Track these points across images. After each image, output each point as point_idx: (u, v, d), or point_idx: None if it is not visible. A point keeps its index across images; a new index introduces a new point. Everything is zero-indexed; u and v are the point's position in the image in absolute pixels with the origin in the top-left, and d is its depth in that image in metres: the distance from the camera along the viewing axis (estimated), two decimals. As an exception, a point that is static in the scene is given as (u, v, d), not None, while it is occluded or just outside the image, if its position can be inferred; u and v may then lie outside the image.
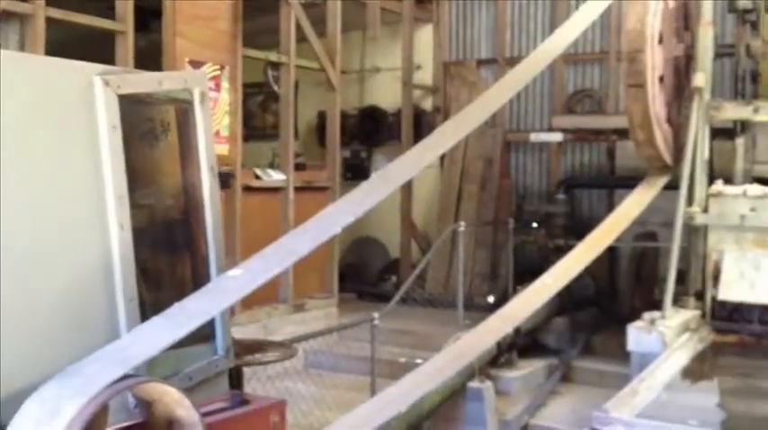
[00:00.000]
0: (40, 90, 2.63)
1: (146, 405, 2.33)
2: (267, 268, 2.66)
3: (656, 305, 5.46)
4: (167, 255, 3.25)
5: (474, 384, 5.69)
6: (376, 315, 5.48)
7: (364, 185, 3.31)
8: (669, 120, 6.24)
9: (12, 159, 2.48)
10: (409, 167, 3.65)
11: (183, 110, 3.21)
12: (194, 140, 3.20)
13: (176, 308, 2.48)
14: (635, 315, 5.41)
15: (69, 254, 2.61)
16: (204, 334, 3.14)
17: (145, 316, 2.79)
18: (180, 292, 3.14)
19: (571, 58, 9.33)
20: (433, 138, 3.92)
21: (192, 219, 3.23)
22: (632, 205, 5.72)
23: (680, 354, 4.90)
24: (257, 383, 5.03)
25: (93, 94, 2.75)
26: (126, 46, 6.15)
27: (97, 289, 2.68)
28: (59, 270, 2.57)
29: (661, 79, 6.06)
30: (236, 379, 3.38)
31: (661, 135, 6.08)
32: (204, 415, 2.75)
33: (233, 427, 2.97)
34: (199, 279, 3.16)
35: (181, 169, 3.25)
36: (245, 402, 3.12)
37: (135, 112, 3.07)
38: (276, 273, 2.65)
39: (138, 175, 3.03)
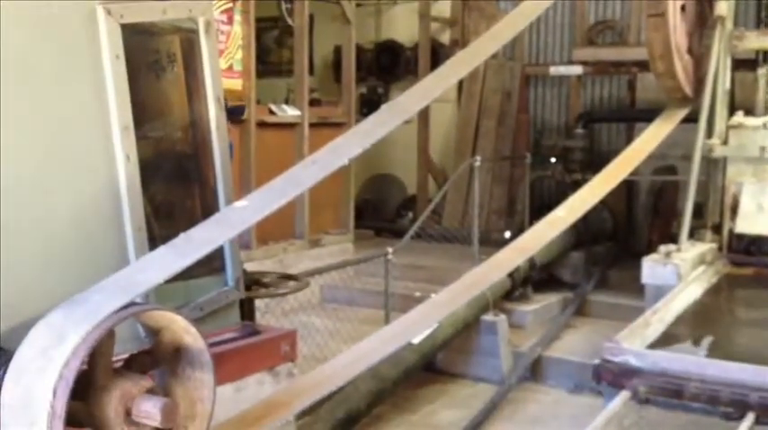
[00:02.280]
0: (42, 19, 2.60)
1: (153, 333, 2.35)
2: (273, 199, 2.65)
3: (674, 239, 5.42)
4: (175, 187, 3.25)
5: (488, 317, 5.74)
6: (390, 250, 5.50)
7: (374, 116, 3.26)
8: (690, 51, 6.10)
9: (15, 88, 2.46)
10: (420, 98, 3.59)
11: (189, 40, 3.16)
12: (200, 71, 3.16)
13: (182, 237, 2.48)
14: (652, 249, 5.38)
15: (76, 184, 2.62)
16: (214, 265, 3.15)
17: (154, 247, 2.80)
18: (188, 224, 3.15)
19: (592, -13, 9.11)
20: (444, 69, 3.84)
21: (200, 151, 3.21)
22: (650, 138, 5.62)
23: (695, 287, 4.88)
24: (272, 317, 5.08)
25: (95, 23, 2.72)
26: (136, -21, 6.07)
27: (105, 219, 2.69)
28: (66, 199, 2.58)
29: (683, 8, 5.90)
30: (247, 310, 3.41)
31: (682, 66, 5.94)
32: (214, 344, 2.79)
33: (243, 356, 3.00)
34: (207, 211, 3.16)
35: (188, 101, 3.23)
36: (255, 332, 3.15)
37: (140, 43, 3.03)
38: (282, 203, 2.64)
39: (145, 107, 3.02)
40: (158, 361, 2.30)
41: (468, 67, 3.97)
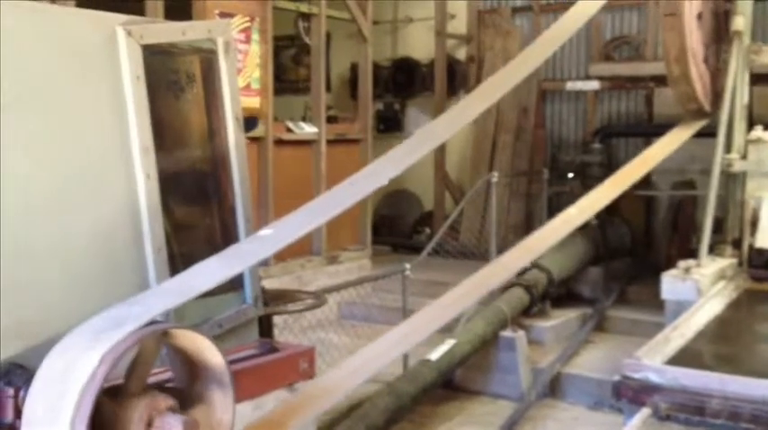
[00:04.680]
0: (63, 41, 2.64)
1: (175, 351, 2.37)
2: (315, 217, 2.75)
3: (694, 254, 5.40)
4: (194, 206, 3.27)
5: (506, 333, 5.71)
6: (407, 265, 5.49)
7: (408, 142, 3.34)
8: (706, 61, 6.04)
9: (36, 109, 2.50)
10: (452, 124, 3.65)
11: (208, 60, 3.20)
12: (219, 91, 3.19)
13: (231, 249, 2.59)
14: (671, 264, 5.36)
15: (96, 203, 2.65)
16: (233, 283, 3.17)
17: (173, 265, 2.83)
18: (207, 242, 3.19)
19: (609, 3, 9.04)
20: (474, 96, 3.90)
21: (219, 169, 3.24)
22: (664, 146, 5.62)
23: (715, 302, 4.84)
24: (290, 334, 5.09)
25: (116, 44, 2.76)
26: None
27: (125, 238, 2.72)
28: (87, 219, 2.61)
29: (699, 16, 5.86)
30: (266, 327, 3.42)
31: (697, 72, 5.87)
32: (233, 362, 2.80)
33: (262, 374, 3.01)
34: (226, 229, 3.19)
35: (207, 120, 3.26)
36: (273, 349, 3.16)
37: (160, 63, 3.07)
38: (323, 221, 2.74)
39: (164, 127, 3.05)
40: (180, 378, 2.32)
41: (499, 93, 4.00)
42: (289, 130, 7.62)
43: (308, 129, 7.75)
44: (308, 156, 7.68)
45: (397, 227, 10.24)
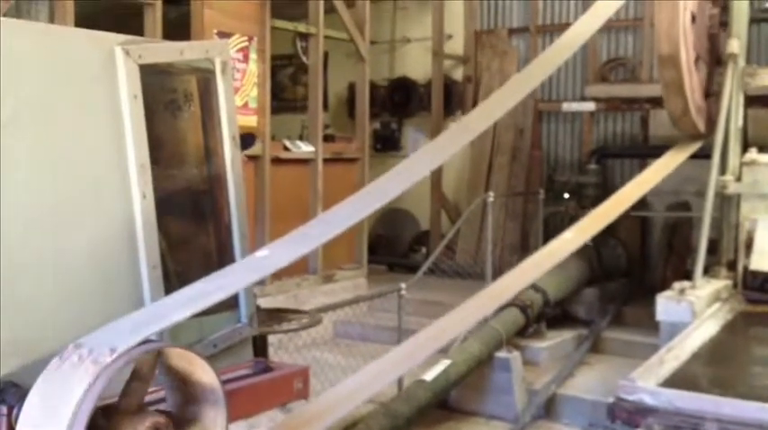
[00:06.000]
0: (62, 60, 2.66)
1: (168, 370, 2.37)
2: (360, 209, 2.98)
3: (689, 276, 5.40)
4: (190, 225, 3.28)
5: (501, 354, 5.70)
6: (403, 285, 5.48)
7: (442, 136, 3.39)
8: (697, 62, 6.00)
9: (35, 129, 2.51)
10: (485, 118, 3.70)
11: (205, 79, 3.22)
12: (216, 110, 3.21)
13: (266, 248, 2.66)
14: (667, 285, 5.36)
15: (92, 222, 2.66)
16: (228, 302, 3.17)
17: (168, 283, 2.84)
18: (203, 261, 3.19)
19: (604, 24, 9.10)
20: (504, 91, 3.98)
21: (216, 188, 3.26)
22: (660, 167, 5.62)
23: (710, 324, 4.84)
24: (285, 353, 5.08)
25: (114, 63, 2.78)
26: (155, 18, 6.18)
27: (121, 257, 2.72)
28: (83, 237, 2.61)
29: (693, 19, 5.85)
30: (260, 346, 3.42)
31: (687, 60, 5.77)
32: (227, 381, 2.80)
33: (256, 393, 3.01)
34: (222, 247, 3.19)
35: (203, 139, 3.27)
36: (268, 369, 3.16)
37: (157, 83, 3.09)
38: (369, 212, 2.97)
39: (161, 145, 3.07)
40: (173, 398, 2.32)
41: (527, 89, 4.06)
42: (286, 149, 7.63)
43: (305, 148, 7.77)
44: (305, 175, 7.69)
45: (393, 246, 10.24)
